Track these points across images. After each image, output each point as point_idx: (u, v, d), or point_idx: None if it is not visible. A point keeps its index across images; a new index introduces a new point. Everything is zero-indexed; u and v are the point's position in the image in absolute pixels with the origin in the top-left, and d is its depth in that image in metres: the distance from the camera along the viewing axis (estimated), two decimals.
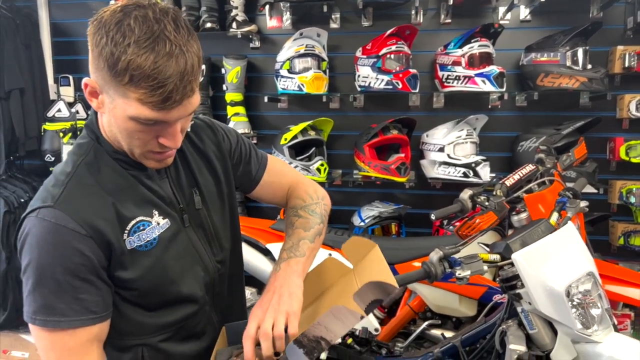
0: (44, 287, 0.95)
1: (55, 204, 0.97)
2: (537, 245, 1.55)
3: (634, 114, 2.63)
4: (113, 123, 0.99)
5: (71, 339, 0.97)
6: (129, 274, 1.03)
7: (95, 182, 1.02)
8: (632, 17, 2.66)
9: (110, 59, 0.88)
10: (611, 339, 1.50)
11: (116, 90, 0.91)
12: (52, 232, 0.95)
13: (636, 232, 2.68)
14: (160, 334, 1.11)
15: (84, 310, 0.97)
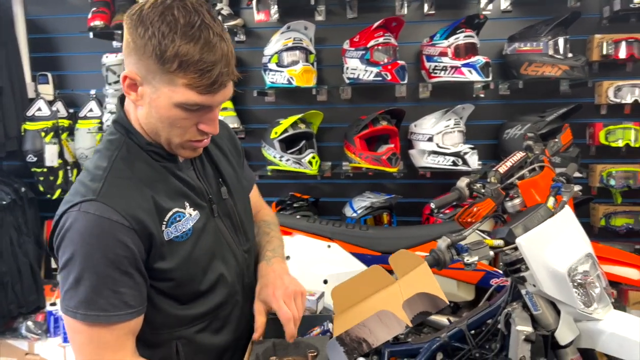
0: (86, 280, 0.96)
1: (98, 197, 0.98)
2: (539, 229, 1.61)
3: (612, 99, 2.73)
4: (154, 114, 1.02)
5: (108, 334, 0.99)
6: (168, 264, 1.05)
7: (132, 175, 1.05)
8: (607, 6, 2.75)
9: (157, 48, 0.94)
10: (611, 316, 1.58)
11: (162, 79, 0.97)
12: (97, 225, 0.97)
13: (616, 213, 2.80)
14: (194, 325, 1.13)
15: (122, 305, 0.99)
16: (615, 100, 2.73)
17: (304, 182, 3.11)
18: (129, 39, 0.98)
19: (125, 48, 1.00)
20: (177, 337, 1.11)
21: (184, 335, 1.12)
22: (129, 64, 1.01)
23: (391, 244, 2.25)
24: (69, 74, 3.22)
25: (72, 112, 3.17)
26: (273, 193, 3.10)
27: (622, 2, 2.61)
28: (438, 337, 1.77)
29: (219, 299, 1.16)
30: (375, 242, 2.28)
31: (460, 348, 1.73)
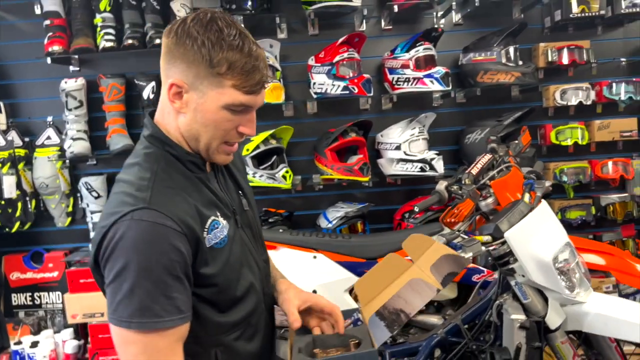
0: (141, 288, 0.98)
1: (150, 204, 1.01)
2: (523, 223, 1.73)
3: (559, 102, 2.96)
4: (199, 119, 1.09)
5: (162, 340, 1.00)
6: (211, 269, 1.08)
7: (175, 185, 1.09)
8: (549, 17, 2.99)
9: (207, 55, 1.03)
10: (593, 298, 1.72)
11: (211, 82, 1.05)
12: (151, 231, 0.99)
13: (570, 207, 3.01)
14: (232, 332, 1.16)
15: (175, 310, 1.00)
16: (562, 102, 2.96)
17: (274, 197, 3.14)
18: (174, 51, 1.06)
19: (170, 59, 1.07)
20: (216, 345, 1.14)
21: (222, 343, 1.14)
22: (174, 73, 1.07)
23: (375, 250, 2.32)
24: (22, 102, 3.10)
25: (27, 140, 3.04)
26: None
27: (562, 13, 2.85)
28: (435, 334, 1.85)
29: (251, 306, 1.20)
30: (360, 249, 2.34)
31: (457, 342, 1.81)
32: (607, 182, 3.05)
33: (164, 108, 1.15)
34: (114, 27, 2.86)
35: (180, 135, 1.13)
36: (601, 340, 1.87)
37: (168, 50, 1.08)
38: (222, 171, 1.26)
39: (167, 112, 1.14)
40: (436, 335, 1.83)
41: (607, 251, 2.21)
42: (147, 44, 2.84)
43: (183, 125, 1.12)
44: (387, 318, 1.09)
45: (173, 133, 1.14)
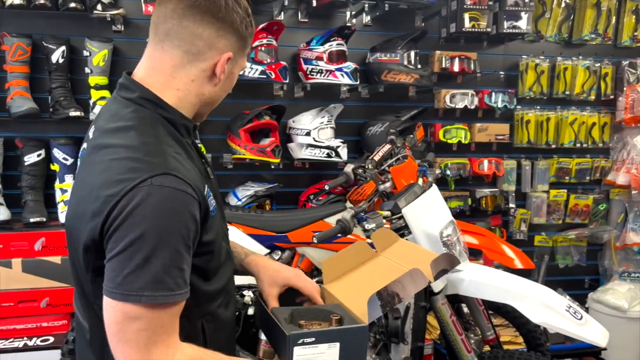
0: (158, 258, 0.92)
1: (169, 170, 0.96)
2: (417, 201, 2.02)
3: (449, 104, 3.36)
4: (227, 85, 1.17)
5: (166, 315, 0.96)
6: (210, 236, 1.07)
7: (177, 149, 1.06)
8: (445, 28, 3.37)
9: (245, 31, 1.13)
10: (469, 267, 2.06)
11: (243, 54, 1.16)
12: (174, 198, 0.95)
13: (451, 198, 3.43)
14: (216, 300, 1.16)
15: (183, 284, 0.98)
16: (450, 105, 3.36)
17: None
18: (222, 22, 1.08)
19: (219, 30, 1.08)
20: (203, 314, 1.13)
21: (208, 312, 1.14)
22: (225, 46, 1.10)
23: (284, 225, 2.50)
24: None
25: None
26: None
27: (456, 26, 3.24)
28: None
29: (229, 273, 1.22)
30: (270, 224, 2.51)
31: None
32: (482, 178, 3.51)
33: (181, 74, 1.10)
34: None
35: (183, 100, 1.11)
36: (472, 303, 2.23)
37: (218, 19, 1.07)
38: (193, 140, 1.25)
39: (190, 79, 1.10)
40: None
41: (480, 232, 2.60)
42: (59, 6, 2.75)
43: (209, 93, 1.13)
44: (385, 299, 1.15)
45: (172, 96, 1.10)
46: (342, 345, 1.08)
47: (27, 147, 2.87)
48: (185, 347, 1.01)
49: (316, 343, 1.07)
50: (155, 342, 0.95)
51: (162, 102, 1.09)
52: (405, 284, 1.18)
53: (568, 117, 3.56)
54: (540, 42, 3.59)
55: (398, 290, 1.17)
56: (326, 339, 1.08)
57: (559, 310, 1.83)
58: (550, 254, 3.71)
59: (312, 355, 1.07)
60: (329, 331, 1.10)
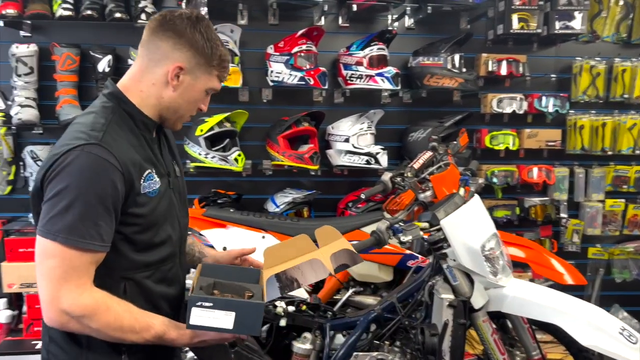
0: (75, 208, 1.15)
1: (100, 142, 1.20)
2: (457, 213, 1.92)
3: (495, 109, 3.22)
4: (186, 96, 1.35)
5: (79, 259, 1.17)
6: (139, 210, 1.27)
7: (123, 134, 1.29)
8: (492, 30, 3.24)
9: (209, 50, 1.32)
10: (512, 283, 1.94)
11: (205, 71, 1.34)
12: (96, 163, 1.17)
13: (498, 207, 3.29)
14: (142, 271, 1.33)
15: (98, 237, 1.18)
16: (498, 110, 3.22)
17: (224, 180, 3.21)
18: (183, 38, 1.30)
19: (177, 44, 1.30)
20: (126, 279, 1.30)
21: (132, 278, 1.31)
22: (179, 57, 1.30)
23: None
24: None
25: None
26: (194, 190, 3.15)
27: (503, 28, 3.10)
28: (372, 310, 2.01)
29: (164, 254, 1.38)
30: (306, 232, 2.46)
31: (391, 318, 1.98)
32: (531, 186, 3.34)
33: (145, 78, 1.34)
34: None
35: (152, 102, 1.34)
36: (516, 321, 2.10)
37: (177, 35, 1.30)
38: (163, 141, 1.47)
39: (151, 83, 1.34)
40: (373, 311, 1.99)
41: (527, 245, 2.46)
42: (106, 17, 2.82)
43: (168, 98, 1.35)
44: (283, 282, 1.28)
45: (137, 96, 1.33)
46: (238, 315, 1.22)
47: None
48: (95, 291, 1.19)
49: (213, 308, 1.21)
50: (66, 280, 1.16)
51: (126, 98, 1.33)
52: (304, 271, 1.29)
53: (626, 122, 3.33)
54: (596, 43, 3.39)
55: (297, 276, 1.29)
56: (223, 307, 1.22)
57: (611, 332, 1.69)
58: (605, 268, 3.49)
59: (209, 318, 1.21)
60: (227, 300, 1.25)
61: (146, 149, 1.35)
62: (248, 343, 1.86)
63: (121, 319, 1.20)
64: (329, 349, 1.94)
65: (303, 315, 1.98)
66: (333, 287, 2.49)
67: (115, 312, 1.20)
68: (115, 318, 1.20)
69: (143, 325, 1.23)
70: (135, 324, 1.22)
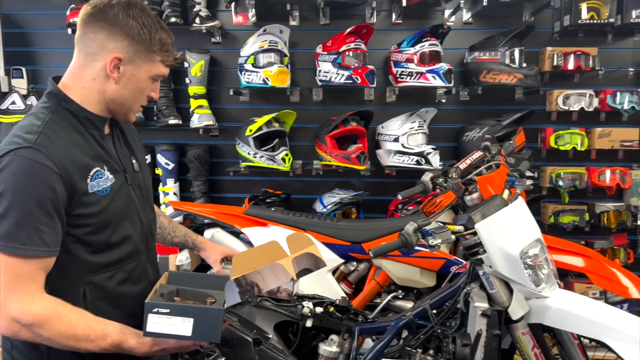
0: (11, 215, 1.12)
1: (34, 145, 1.16)
2: (495, 216, 1.79)
3: (561, 107, 2.98)
4: (130, 86, 1.30)
5: (24, 266, 1.14)
6: (88, 210, 1.23)
7: (63, 134, 1.24)
8: (558, 22, 3.01)
9: (147, 35, 1.26)
10: (557, 294, 1.77)
11: (146, 57, 1.29)
12: (30, 167, 1.13)
13: (564, 212, 3.04)
14: (102, 272, 1.30)
15: (40, 242, 1.14)
16: (564, 107, 2.98)
17: (275, 179, 3.24)
18: (115, 27, 1.25)
19: (110, 35, 1.25)
20: (85, 283, 1.27)
21: (91, 281, 1.27)
22: (115, 48, 1.25)
23: (360, 235, 2.40)
24: (43, 69, 3.24)
25: None
26: (245, 189, 3.22)
27: (571, 19, 2.87)
28: (404, 316, 1.92)
29: (124, 253, 1.34)
30: (346, 232, 2.43)
31: (424, 325, 1.89)
32: (603, 190, 3.06)
33: (85, 74, 1.29)
34: None
35: (88, 97, 1.29)
36: (565, 337, 1.93)
37: (110, 25, 1.25)
38: (119, 136, 1.44)
39: (91, 78, 1.28)
40: (404, 317, 1.90)
41: (586, 254, 2.25)
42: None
43: (111, 91, 1.30)
44: (243, 287, 1.20)
45: (78, 93, 1.29)
46: (196, 321, 1.19)
47: None
48: (45, 298, 1.16)
49: (170, 315, 1.18)
50: (14, 288, 1.13)
51: (66, 97, 1.28)
52: (265, 276, 1.23)
53: None
54: None
55: (257, 281, 1.21)
56: (181, 313, 1.19)
57: None
58: None
59: (166, 325, 1.18)
60: (184, 306, 1.22)
61: (94, 146, 1.30)
62: (273, 342, 1.85)
63: (74, 327, 1.16)
64: (356, 353, 1.88)
65: (331, 317, 1.93)
66: (372, 290, 2.42)
67: (68, 320, 1.16)
68: (68, 326, 1.16)
69: (99, 333, 1.18)
70: (89, 332, 1.18)
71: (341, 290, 2.41)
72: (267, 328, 1.89)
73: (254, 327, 1.85)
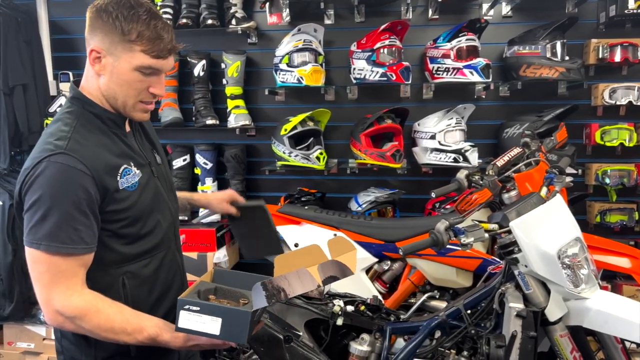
0: (51, 217, 1.20)
1: (65, 150, 1.23)
2: (531, 214, 1.73)
3: (608, 101, 2.86)
4: (115, 79, 1.30)
5: (64, 263, 1.22)
6: (121, 206, 1.31)
7: (90, 137, 1.31)
8: (604, 12, 2.88)
9: (119, 26, 1.26)
10: (597, 295, 1.70)
11: (124, 47, 1.27)
12: (64, 172, 1.22)
13: (611, 210, 2.91)
14: (137, 261, 1.38)
15: (79, 240, 1.23)
16: (610, 101, 2.85)
17: (311, 178, 3.25)
18: (94, 23, 1.29)
19: (91, 31, 1.30)
20: (123, 272, 1.35)
21: (129, 270, 1.36)
22: (93, 42, 1.29)
23: (393, 234, 2.38)
24: None
25: None
26: (282, 188, 3.24)
27: (617, 9, 2.74)
28: (437, 316, 1.89)
29: (156, 242, 1.42)
30: (379, 231, 2.41)
31: (457, 326, 1.84)
32: None
33: (88, 73, 1.35)
34: (172, 6, 3.05)
35: (101, 95, 1.34)
36: (607, 340, 1.84)
37: (90, 23, 1.30)
38: (140, 132, 1.51)
39: (90, 76, 1.35)
40: (437, 317, 1.87)
41: (631, 253, 2.14)
42: (200, 24, 3.01)
43: (103, 86, 1.33)
44: (270, 290, 1.18)
45: (95, 94, 1.34)
46: (224, 321, 1.21)
47: (175, 153, 3.20)
48: (86, 292, 1.25)
49: (200, 313, 1.22)
50: (56, 283, 1.22)
51: (88, 100, 1.35)
52: (291, 281, 1.21)
53: None
54: None
55: (284, 286, 1.20)
56: (210, 312, 1.22)
57: None
58: None
59: (196, 322, 1.22)
60: (213, 306, 1.24)
61: (119, 144, 1.37)
62: (304, 340, 1.85)
63: (112, 320, 1.23)
64: (387, 353, 1.86)
65: (362, 316, 1.92)
66: (407, 290, 2.39)
67: (106, 314, 1.24)
68: (106, 320, 1.23)
69: (135, 327, 1.25)
70: (127, 325, 1.24)
71: (375, 289, 2.39)
72: (298, 325, 1.89)
73: (285, 325, 1.86)
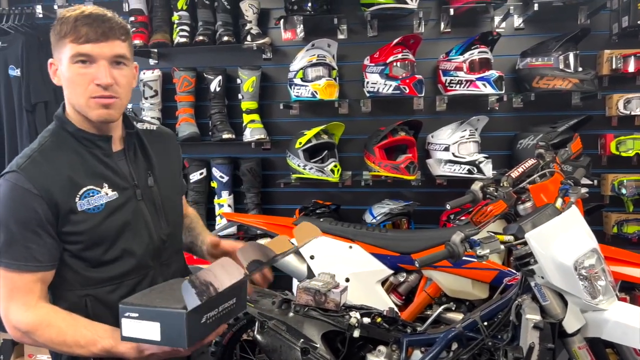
0: (2, 235, 1.24)
1: (18, 169, 1.26)
2: (547, 225, 1.74)
3: (622, 111, 2.85)
4: (64, 82, 1.29)
5: (20, 279, 1.25)
6: (77, 228, 1.28)
7: (56, 156, 1.30)
8: (616, 23, 2.89)
9: (55, 28, 1.29)
10: (615, 307, 1.69)
11: (60, 47, 1.28)
12: (12, 190, 1.24)
13: (628, 221, 2.89)
14: (102, 286, 1.34)
15: (31, 258, 1.24)
16: (625, 112, 2.85)
17: (325, 191, 3.27)
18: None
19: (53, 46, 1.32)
20: (86, 295, 1.32)
21: (92, 294, 1.33)
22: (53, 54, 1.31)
23: (409, 245, 2.39)
24: None
25: None
26: (296, 200, 3.27)
27: (630, 19, 2.75)
28: (453, 328, 1.89)
29: (125, 269, 1.36)
30: (394, 243, 2.42)
31: (474, 338, 1.85)
32: None
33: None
34: (188, 24, 3.12)
35: (74, 111, 1.33)
36: (627, 352, 1.84)
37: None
38: (135, 151, 1.44)
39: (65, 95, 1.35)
40: (454, 329, 1.87)
41: None
42: (216, 41, 3.07)
43: (67, 98, 1.33)
44: (198, 287, 1.09)
45: (71, 112, 1.34)
46: (162, 325, 1.12)
47: (192, 167, 3.26)
48: (40, 307, 1.26)
49: (140, 319, 1.14)
50: (13, 298, 1.25)
51: (66, 120, 1.35)
52: (216, 273, 1.12)
53: None
54: None
55: (211, 279, 1.11)
56: (148, 317, 1.13)
57: None
58: None
59: (138, 330, 1.14)
60: (150, 310, 1.14)
61: (93, 165, 1.33)
62: (321, 351, 1.87)
63: (64, 334, 1.22)
64: None
65: (379, 327, 1.93)
66: (423, 302, 2.39)
67: (57, 328, 1.23)
68: (58, 333, 1.23)
69: (89, 340, 1.22)
70: (80, 338, 1.22)
71: (390, 302, 2.40)
72: (315, 337, 1.91)
73: (301, 336, 1.87)
